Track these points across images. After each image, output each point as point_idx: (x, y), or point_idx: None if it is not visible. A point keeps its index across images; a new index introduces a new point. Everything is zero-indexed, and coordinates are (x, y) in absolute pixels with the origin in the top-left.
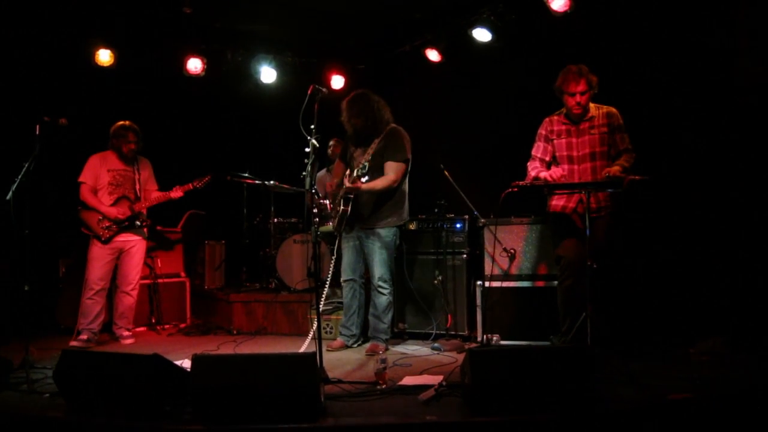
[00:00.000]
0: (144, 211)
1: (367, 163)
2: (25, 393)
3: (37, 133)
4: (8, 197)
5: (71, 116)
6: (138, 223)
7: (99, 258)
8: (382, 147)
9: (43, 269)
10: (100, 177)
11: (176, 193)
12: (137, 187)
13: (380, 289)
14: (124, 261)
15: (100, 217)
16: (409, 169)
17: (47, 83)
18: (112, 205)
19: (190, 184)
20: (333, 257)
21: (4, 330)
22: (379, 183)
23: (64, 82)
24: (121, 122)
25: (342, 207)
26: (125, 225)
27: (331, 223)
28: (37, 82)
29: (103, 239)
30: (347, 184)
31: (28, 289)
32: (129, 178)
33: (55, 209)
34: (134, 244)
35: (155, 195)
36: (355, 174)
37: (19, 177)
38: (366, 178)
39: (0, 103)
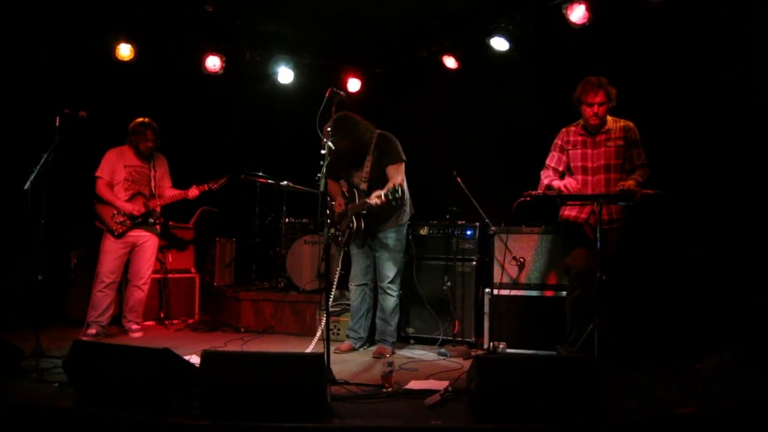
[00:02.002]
0: (158, 209)
1: (368, 181)
2: (35, 381)
3: (57, 124)
4: (26, 187)
5: (90, 109)
6: (151, 220)
7: (111, 251)
8: (377, 156)
9: (55, 260)
10: (116, 172)
11: (193, 192)
12: (152, 184)
13: (389, 291)
14: (136, 255)
15: (115, 212)
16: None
17: (68, 76)
18: (128, 200)
19: (206, 185)
20: (340, 259)
21: (14, 317)
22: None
23: (84, 75)
24: (140, 119)
25: (355, 223)
26: (139, 221)
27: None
28: (57, 74)
29: (116, 234)
30: (368, 201)
31: (41, 279)
32: (145, 174)
33: (70, 201)
34: (147, 239)
35: (171, 193)
36: (364, 195)
37: (38, 167)
38: (377, 192)
39: (21, 94)
